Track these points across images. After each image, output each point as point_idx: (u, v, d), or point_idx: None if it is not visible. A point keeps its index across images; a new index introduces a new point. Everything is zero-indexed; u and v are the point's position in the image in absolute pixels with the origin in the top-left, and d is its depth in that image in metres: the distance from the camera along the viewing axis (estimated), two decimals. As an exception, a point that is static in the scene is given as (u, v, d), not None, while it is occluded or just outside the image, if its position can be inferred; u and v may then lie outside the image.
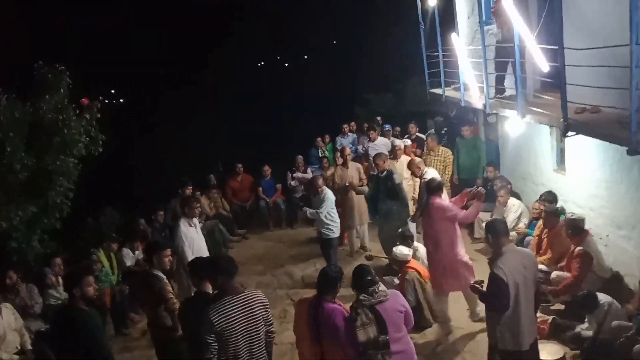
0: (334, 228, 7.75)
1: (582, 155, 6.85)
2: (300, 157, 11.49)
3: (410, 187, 8.48)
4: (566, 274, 6.08)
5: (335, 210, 7.80)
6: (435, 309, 6.37)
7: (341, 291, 4.32)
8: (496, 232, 4.42)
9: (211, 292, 4.45)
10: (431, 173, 7.63)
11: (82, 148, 7.40)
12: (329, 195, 7.70)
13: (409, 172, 8.56)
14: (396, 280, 6.80)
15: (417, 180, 8.15)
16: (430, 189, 6.25)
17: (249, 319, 3.89)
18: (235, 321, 3.83)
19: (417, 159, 7.79)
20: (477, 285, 4.68)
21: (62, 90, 7.18)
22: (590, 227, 6.55)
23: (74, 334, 4.29)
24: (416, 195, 8.30)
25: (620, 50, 4.18)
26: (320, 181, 7.80)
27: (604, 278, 6.04)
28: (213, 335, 3.79)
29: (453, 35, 8.52)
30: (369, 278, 4.12)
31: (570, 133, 5.25)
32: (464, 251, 6.24)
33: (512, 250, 4.38)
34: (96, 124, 7.72)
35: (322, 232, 7.74)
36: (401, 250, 6.54)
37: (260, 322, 3.95)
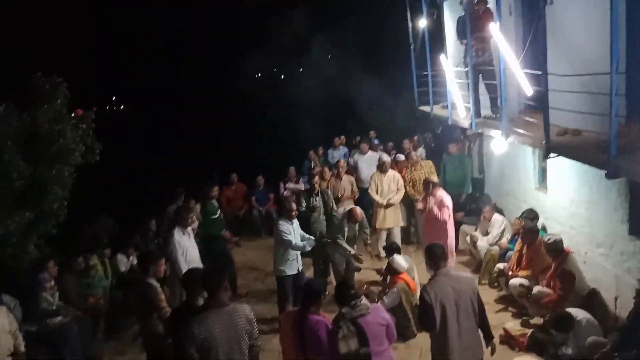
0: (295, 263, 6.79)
1: (563, 176, 6.87)
2: (292, 168, 11.48)
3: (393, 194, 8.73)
4: (548, 290, 6.08)
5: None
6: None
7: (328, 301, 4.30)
8: (434, 255, 4.39)
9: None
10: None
11: (79, 157, 7.35)
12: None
13: (395, 185, 8.65)
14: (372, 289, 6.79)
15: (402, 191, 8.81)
16: (434, 183, 7.69)
17: (231, 332, 3.83)
18: (217, 334, 3.76)
19: (359, 210, 7.36)
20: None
21: (58, 100, 7.14)
22: (570, 244, 6.57)
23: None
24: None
25: (602, 77, 4.21)
26: (294, 207, 6.87)
27: (582, 295, 6.05)
28: (194, 347, 3.74)
29: (442, 57, 8.57)
30: (351, 292, 4.12)
31: (551, 155, 5.28)
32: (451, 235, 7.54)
33: (445, 274, 4.32)
34: (92, 133, 7.70)
35: (280, 269, 6.63)
36: (399, 260, 6.55)
37: (243, 336, 3.87)
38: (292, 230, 6.74)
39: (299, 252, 6.78)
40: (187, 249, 6.59)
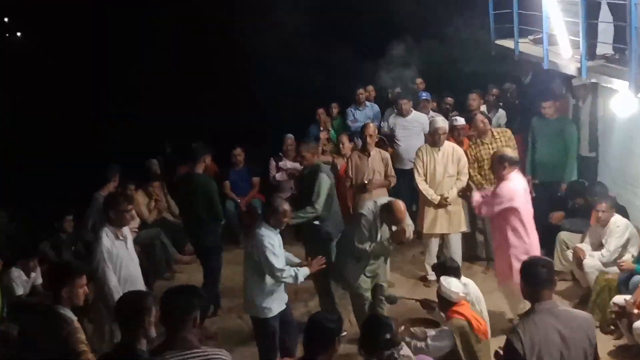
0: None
1: None
2: (290, 136, 11.45)
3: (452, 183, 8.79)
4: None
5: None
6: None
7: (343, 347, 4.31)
8: (532, 278, 4.39)
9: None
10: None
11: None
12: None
13: (455, 167, 8.70)
14: (431, 333, 6.80)
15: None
16: (510, 159, 7.46)
17: None
18: None
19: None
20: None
21: None
22: None
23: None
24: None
25: None
26: (288, 207, 6.87)
27: None
28: None
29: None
30: (387, 336, 4.12)
31: None
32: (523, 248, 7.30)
33: (549, 311, 4.32)
34: None
35: (263, 307, 6.76)
36: (449, 284, 6.47)
37: None
38: (278, 246, 6.68)
39: None
40: (123, 262, 6.66)
